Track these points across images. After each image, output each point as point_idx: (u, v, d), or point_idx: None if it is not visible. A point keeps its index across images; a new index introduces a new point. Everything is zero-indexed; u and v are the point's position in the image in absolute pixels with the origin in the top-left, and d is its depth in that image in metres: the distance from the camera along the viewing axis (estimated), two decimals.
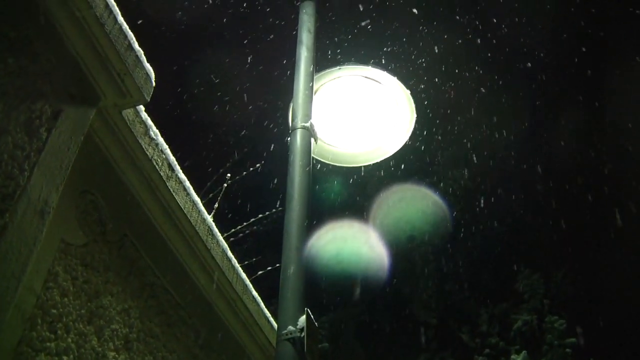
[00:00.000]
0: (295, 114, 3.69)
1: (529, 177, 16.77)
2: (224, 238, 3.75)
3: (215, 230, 3.55)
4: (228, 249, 3.71)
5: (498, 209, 16.47)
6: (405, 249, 16.53)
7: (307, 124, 3.56)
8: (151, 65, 2.75)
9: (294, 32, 4.48)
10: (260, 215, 6.47)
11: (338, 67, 4.74)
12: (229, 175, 5.58)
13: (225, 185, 5.50)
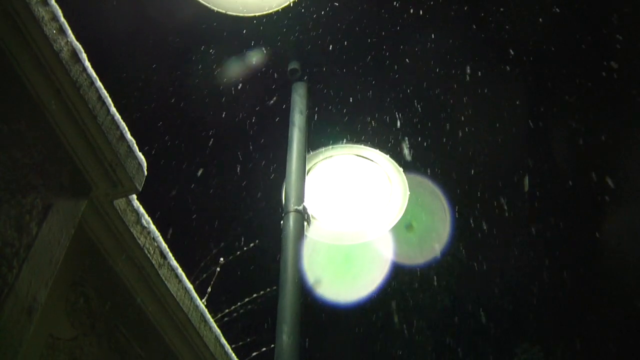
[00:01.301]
0: (288, 197, 3.69)
1: (527, 249, 16.69)
2: (218, 319, 3.70)
3: (208, 316, 3.49)
4: (221, 335, 3.65)
5: (495, 280, 16.34)
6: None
7: (300, 207, 3.57)
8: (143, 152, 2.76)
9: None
10: (254, 295, 6.43)
11: (330, 147, 4.78)
12: (222, 259, 5.56)
13: (218, 269, 5.48)
